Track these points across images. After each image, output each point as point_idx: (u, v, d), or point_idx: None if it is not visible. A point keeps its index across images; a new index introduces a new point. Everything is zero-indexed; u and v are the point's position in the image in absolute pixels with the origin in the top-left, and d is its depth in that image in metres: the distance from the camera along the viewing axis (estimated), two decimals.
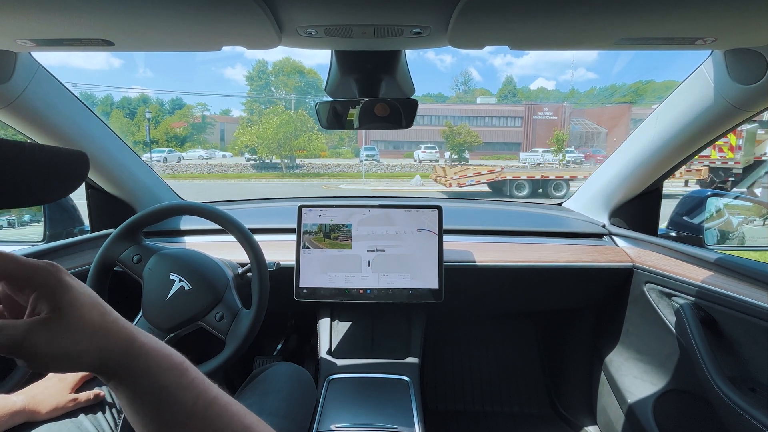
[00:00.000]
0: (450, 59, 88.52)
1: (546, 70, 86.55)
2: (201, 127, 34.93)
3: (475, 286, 1.19)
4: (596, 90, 49.12)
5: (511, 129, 31.93)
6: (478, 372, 1.58)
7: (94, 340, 0.32)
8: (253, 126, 25.41)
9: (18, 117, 0.86)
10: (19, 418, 0.69)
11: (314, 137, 24.81)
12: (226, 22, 0.56)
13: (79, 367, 0.32)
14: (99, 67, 74.59)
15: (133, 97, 40.10)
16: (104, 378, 0.34)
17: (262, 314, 0.82)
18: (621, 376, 1.19)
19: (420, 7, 0.55)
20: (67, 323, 0.31)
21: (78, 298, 0.32)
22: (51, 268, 0.32)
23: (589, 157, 22.88)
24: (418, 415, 0.88)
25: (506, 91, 47.05)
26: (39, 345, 0.30)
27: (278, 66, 37.58)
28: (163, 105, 38.73)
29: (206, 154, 27.55)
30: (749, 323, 0.81)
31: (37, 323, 0.30)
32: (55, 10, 0.52)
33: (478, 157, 26.70)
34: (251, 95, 37.32)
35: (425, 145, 25.77)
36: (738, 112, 0.83)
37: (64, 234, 1.19)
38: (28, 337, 0.29)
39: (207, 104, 47.95)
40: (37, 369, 0.31)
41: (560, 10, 0.52)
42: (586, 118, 30.60)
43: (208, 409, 0.35)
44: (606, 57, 78.96)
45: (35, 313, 0.31)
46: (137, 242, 0.89)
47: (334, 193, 11.98)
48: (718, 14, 0.54)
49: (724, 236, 1.22)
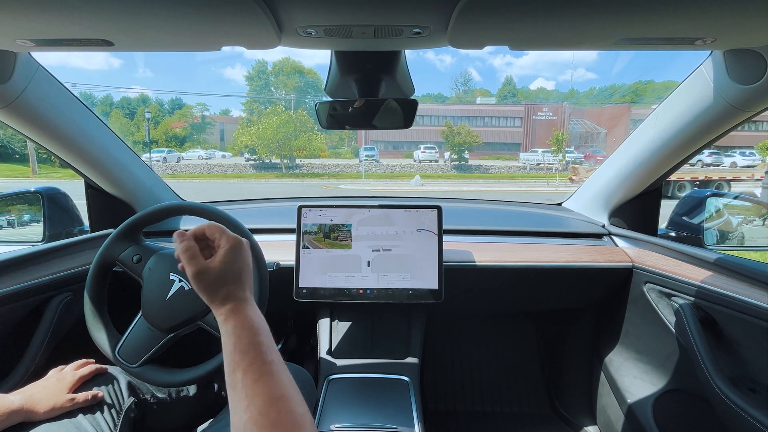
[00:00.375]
0: (450, 59, 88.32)
1: (545, 70, 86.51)
2: (200, 128, 34.80)
3: (475, 286, 1.19)
4: (596, 90, 49.20)
5: (510, 129, 31.84)
6: (478, 372, 1.58)
7: (242, 274, 0.56)
8: (252, 126, 25.37)
9: (17, 117, 0.86)
10: (17, 418, 0.69)
11: (314, 137, 24.73)
12: (226, 22, 0.56)
13: (231, 285, 0.54)
14: (99, 67, 74.20)
15: (132, 97, 40.02)
16: (230, 304, 0.53)
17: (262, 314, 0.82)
18: (621, 376, 1.19)
19: (420, 8, 0.55)
20: (233, 256, 0.55)
21: (241, 246, 0.58)
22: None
23: (588, 158, 22.75)
24: (418, 415, 0.88)
25: (506, 92, 46.94)
26: (216, 265, 0.54)
27: (278, 66, 37.48)
28: (163, 105, 38.62)
29: (206, 155, 27.42)
30: (749, 323, 0.81)
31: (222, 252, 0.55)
32: (55, 10, 0.52)
33: (478, 157, 26.54)
34: (251, 95, 37.19)
35: (425, 146, 25.65)
36: (737, 113, 0.83)
37: (63, 234, 1.19)
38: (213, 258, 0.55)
39: (207, 104, 47.74)
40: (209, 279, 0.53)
41: (560, 10, 0.52)
42: (585, 119, 30.54)
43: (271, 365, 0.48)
44: (606, 57, 78.91)
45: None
46: (137, 242, 0.89)
47: (334, 193, 11.98)
48: (718, 14, 0.54)
49: (724, 236, 1.22)
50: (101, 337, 0.83)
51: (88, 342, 0.83)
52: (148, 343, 0.81)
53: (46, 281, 0.95)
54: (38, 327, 0.93)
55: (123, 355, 0.81)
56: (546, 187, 14.82)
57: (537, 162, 23.04)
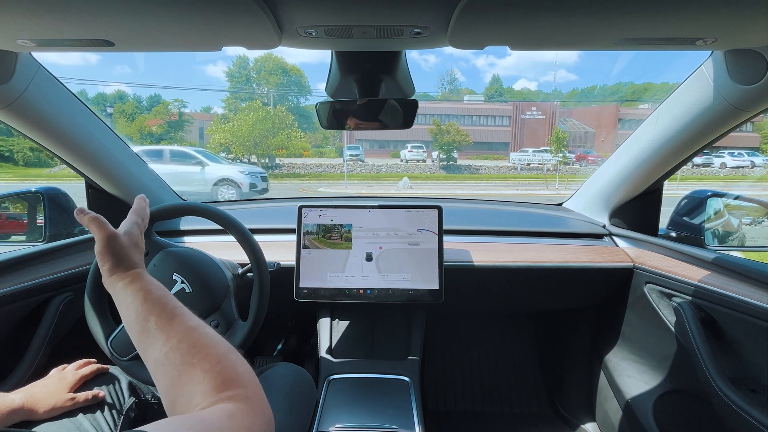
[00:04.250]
0: (434, 59, 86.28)
1: (528, 70, 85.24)
2: (178, 125, 32.52)
3: (475, 286, 1.19)
4: (578, 91, 48.91)
5: (499, 128, 30.97)
6: (478, 372, 1.58)
7: (140, 246, 0.60)
8: (228, 123, 23.06)
9: (18, 117, 0.86)
10: (17, 416, 0.69)
11: (293, 135, 22.85)
12: (227, 23, 0.56)
13: (136, 255, 0.58)
14: (74, 62, 71.45)
15: (108, 93, 37.67)
16: (135, 270, 0.55)
17: (256, 328, 0.81)
18: (621, 377, 1.19)
19: (420, 8, 0.55)
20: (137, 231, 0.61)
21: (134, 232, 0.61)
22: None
23: (580, 158, 21.90)
24: (418, 416, 0.88)
25: (493, 90, 46.22)
26: (123, 234, 0.59)
27: (260, 62, 35.34)
28: (141, 102, 36.50)
29: None
30: (749, 324, 0.81)
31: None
32: (55, 11, 0.52)
33: (466, 157, 25.46)
34: (230, 90, 35.10)
35: (412, 144, 24.45)
36: (738, 113, 0.83)
37: (64, 234, 1.19)
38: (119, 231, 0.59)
39: (185, 101, 44.38)
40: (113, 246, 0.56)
41: (561, 10, 0.52)
42: (573, 118, 30.13)
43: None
44: (586, 58, 77.56)
45: None
46: (147, 236, 0.89)
47: (312, 196, 11.75)
48: (719, 15, 0.54)
49: (725, 237, 1.22)
50: (96, 325, 0.82)
51: (89, 342, 0.83)
52: None
53: (47, 281, 0.95)
54: (39, 327, 0.93)
55: (115, 346, 0.81)
56: (546, 190, 14.41)
57: (527, 162, 22.25)
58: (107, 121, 1.07)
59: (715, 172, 18.97)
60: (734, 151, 19.90)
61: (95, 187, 1.17)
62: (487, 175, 21.71)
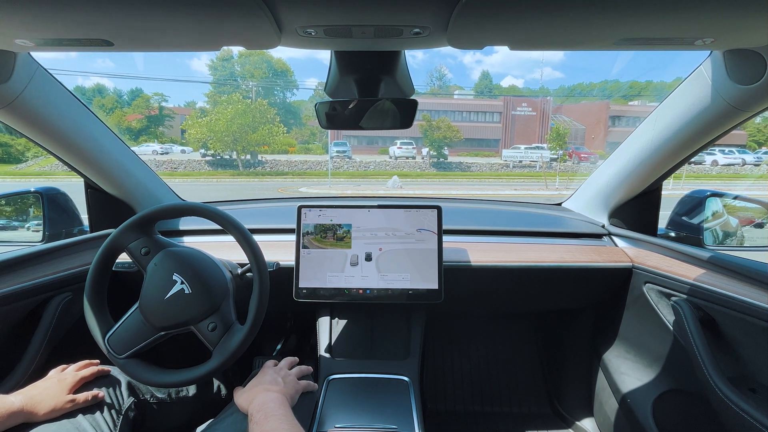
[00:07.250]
0: (421, 56, 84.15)
1: (515, 68, 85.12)
2: (158, 120, 31.21)
3: (475, 286, 1.19)
4: (566, 88, 48.88)
5: (489, 125, 30.35)
6: (477, 372, 1.58)
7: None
8: (205, 117, 21.58)
9: (17, 117, 0.86)
10: (17, 419, 0.69)
11: (275, 130, 21.59)
12: (226, 22, 0.56)
13: None
14: (54, 54, 70.45)
15: (87, 87, 36.50)
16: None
17: (255, 331, 0.81)
18: (620, 376, 1.19)
19: (419, 8, 0.55)
20: None
21: None
22: None
23: (572, 155, 21.21)
24: (418, 416, 0.88)
25: (482, 86, 45.95)
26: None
27: (243, 56, 33.88)
28: (122, 96, 35.14)
29: (161, 149, 23.77)
30: (748, 323, 0.81)
31: None
32: (55, 10, 0.52)
33: (457, 154, 24.56)
34: (214, 83, 33.71)
35: (401, 141, 23.36)
36: (737, 113, 0.83)
37: (63, 234, 1.19)
38: None
39: (165, 95, 42.77)
40: None
41: (560, 10, 0.52)
42: (563, 115, 29.87)
43: None
44: (572, 56, 77.44)
45: None
46: (149, 235, 0.89)
47: (293, 197, 11.56)
48: (718, 15, 0.54)
49: (724, 236, 1.22)
50: (93, 321, 0.82)
51: (88, 342, 0.83)
52: (138, 336, 0.81)
53: (46, 281, 0.95)
54: (38, 327, 0.93)
55: (112, 343, 0.81)
56: (546, 190, 14.25)
57: (519, 159, 21.67)
58: None
59: (708, 170, 19.04)
60: (725, 149, 19.93)
61: (94, 187, 1.17)
62: (479, 173, 21.08)
